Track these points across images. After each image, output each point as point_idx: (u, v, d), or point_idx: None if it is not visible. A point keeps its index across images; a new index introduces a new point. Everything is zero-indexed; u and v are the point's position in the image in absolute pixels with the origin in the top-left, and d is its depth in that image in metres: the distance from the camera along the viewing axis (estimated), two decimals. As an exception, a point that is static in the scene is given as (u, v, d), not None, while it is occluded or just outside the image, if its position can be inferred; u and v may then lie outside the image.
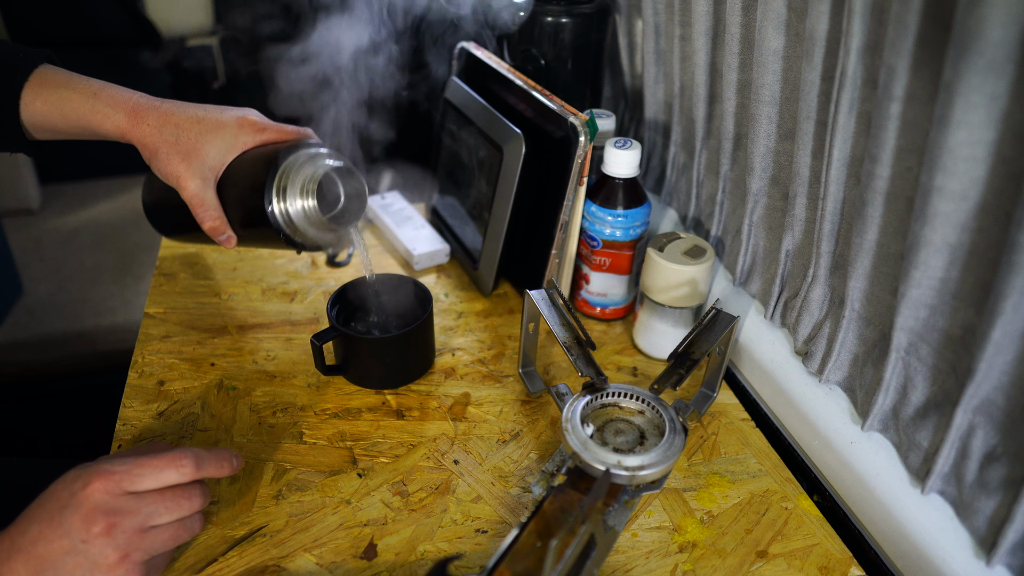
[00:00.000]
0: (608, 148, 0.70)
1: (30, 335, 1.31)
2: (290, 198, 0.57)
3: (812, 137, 0.57)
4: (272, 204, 0.57)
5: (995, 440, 0.46)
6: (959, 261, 0.45)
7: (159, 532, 0.46)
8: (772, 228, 0.67)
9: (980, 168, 0.41)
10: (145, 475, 0.46)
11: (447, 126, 0.85)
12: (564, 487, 0.50)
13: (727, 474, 0.60)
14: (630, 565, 0.53)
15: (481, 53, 0.83)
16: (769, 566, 0.53)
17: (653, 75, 0.82)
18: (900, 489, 0.52)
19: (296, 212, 0.58)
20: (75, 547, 0.43)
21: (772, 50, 0.59)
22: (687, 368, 0.56)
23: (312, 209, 0.58)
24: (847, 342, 0.58)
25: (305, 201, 0.57)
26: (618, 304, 0.77)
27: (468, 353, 0.72)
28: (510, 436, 0.63)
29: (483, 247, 0.78)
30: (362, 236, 0.63)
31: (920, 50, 0.43)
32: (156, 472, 0.46)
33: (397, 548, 0.53)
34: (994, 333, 0.42)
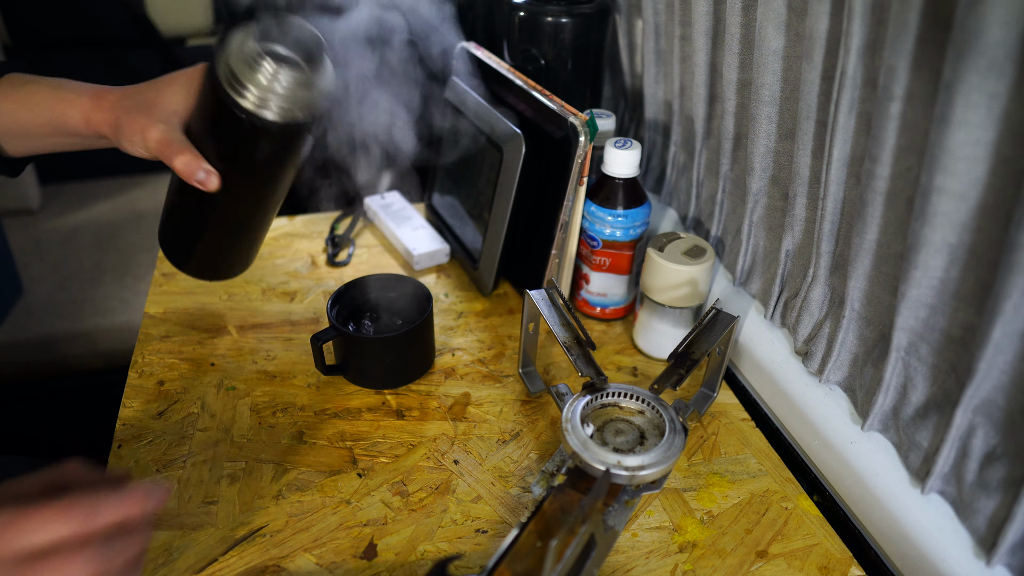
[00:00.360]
0: (608, 148, 0.70)
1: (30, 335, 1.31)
2: (243, 73, 0.50)
3: (812, 137, 0.57)
4: (227, 87, 0.50)
5: (995, 440, 0.46)
6: (959, 261, 0.45)
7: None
8: (772, 228, 0.67)
9: (980, 168, 0.41)
10: (30, 530, 0.37)
11: (447, 126, 0.85)
12: (564, 487, 0.50)
13: (727, 474, 0.60)
14: (630, 565, 0.53)
15: (481, 53, 0.83)
16: (769, 566, 0.53)
17: (653, 75, 0.82)
18: (900, 489, 0.52)
19: (254, 80, 0.50)
20: None
21: (772, 50, 0.59)
22: (687, 368, 0.56)
23: (267, 67, 0.50)
24: (847, 342, 0.58)
25: (258, 66, 0.50)
26: (618, 304, 0.77)
27: (468, 353, 0.72)
28: (510, 436, 0.63)
29: (483, 247, 0.78)
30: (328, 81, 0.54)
31: (920, 50, 0.43)
32: (41, 526, 0.37)
33: (397, 548, 0.53)
34: (994, 333, 0.42)
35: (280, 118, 0.52)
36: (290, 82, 0.51)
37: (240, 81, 0.50)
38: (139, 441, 0.61)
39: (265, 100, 0.51)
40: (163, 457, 0.59)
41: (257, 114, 0.51)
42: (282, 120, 0.52)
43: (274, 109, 0.51)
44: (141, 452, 0.60)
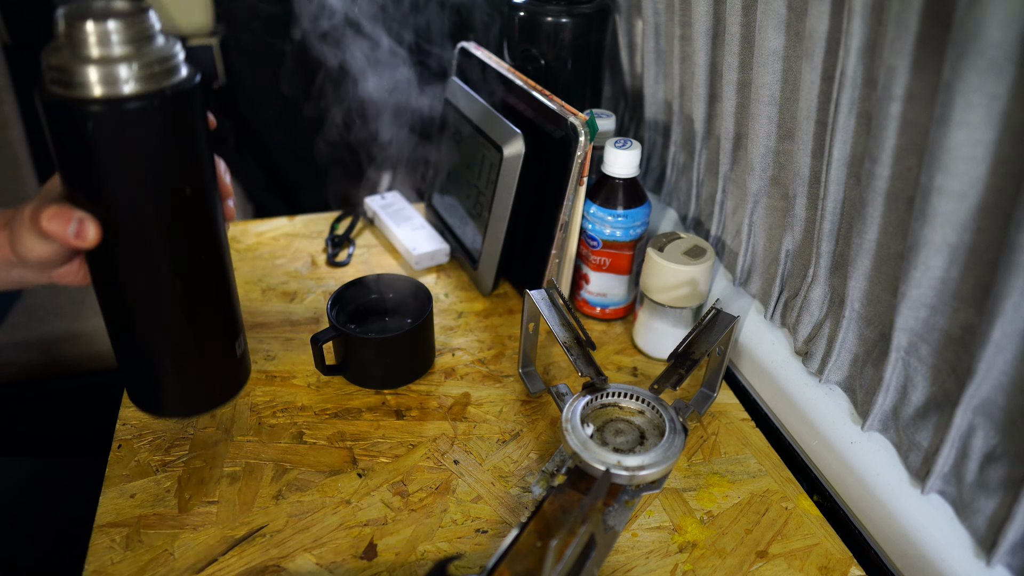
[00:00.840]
0: (608, 148, 0.70)
1: (30, 335, 1.31)
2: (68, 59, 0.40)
3: (812, 137, 0.57)
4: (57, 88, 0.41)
5: (995, 440, 0.46)
6: (959, 261, 0.45)
7: None
8: (772, 228, 0.67)
9: (980, 168, 0.41)
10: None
11: (447, 126, 0.85)
12: (564, 487, 0.50)
13: (727, 474, 0.60)
14: (630, 565, 0.53)
15: (481, 53, 0.83)
16: (769, 566, 0.53)
17: (653, 75, 0.82)
18: (900, 489, 0.52)
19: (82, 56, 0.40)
20: None
21: (772, 50, 0.59)
22: (687, 368, 0.56)
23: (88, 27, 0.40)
24: (847, 342, 0.58)
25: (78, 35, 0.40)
26: (618, 304, 0.77)
27: (468, 353, 0.72)
28: (510, 436, 0.63)
29: (483, 247, 0.78)
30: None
31: (920, 50, 0.43)
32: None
33: (397, 548, 0.53)
34: (994, 333, 0.42)
35: (141, 86, 0.41)
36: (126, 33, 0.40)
37: (67, 69, 0.40)
38: (139, 441, 0.61)
39: (111, 73, 0.40)
40: (163, 457, 0.59)
41: (113, 96, 0.40)
42: (145, 88, 0.41)
43: (127, 77, 0.40)
44: (141, 452, 0.60)
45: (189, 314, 0.48)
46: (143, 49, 0.41)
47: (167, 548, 0.52)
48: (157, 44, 0.42)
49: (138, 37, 0.41)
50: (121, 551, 0.52)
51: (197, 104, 0.44)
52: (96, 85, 0.40)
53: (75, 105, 0.40)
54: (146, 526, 0.54)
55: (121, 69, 0.40)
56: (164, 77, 0.42)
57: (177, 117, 0.43)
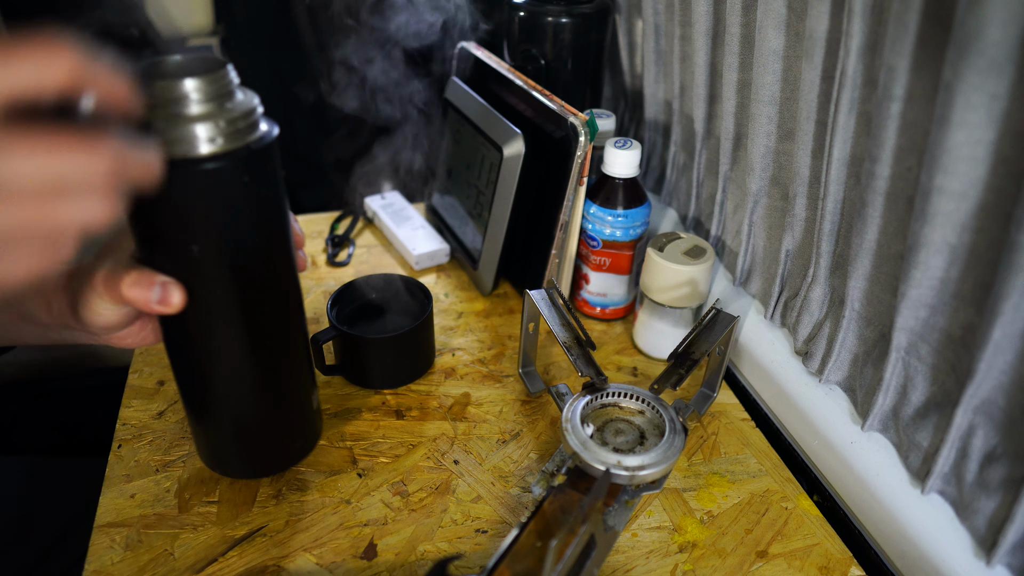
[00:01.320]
0: (608, 148, 0.70)
1: (30, 335, 1.31)
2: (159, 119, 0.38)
3: (812, 137, 0.57)
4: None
5: (995, 440, 0.46)
6: (959, 261, 0.45)
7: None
8: (772, 228, 0.67)
9: (980, 168, 0.41)
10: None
11: (447, 126, 0.85)
12: (564, 487, 0.50)
13: (727, 474, 0.60)
14: (630, 565, 0.53)
15: (481, 53, 0.83)
16: (769, 566, 0.53)
17: (653, 75, 0.82)
18: (900, 489, 0.52)
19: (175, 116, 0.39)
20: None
21: (772, 50, 0.59)
22: (687, 368, 0.56)
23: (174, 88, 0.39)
24: (847, 342, 0.58)
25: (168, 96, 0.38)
26: (618, 304, 0.77)
27: (468, 353, 0.72)
28: (510, 436, 0.63)
29: (483, 247, 0.78)
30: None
31: (920, 50, 0.43)
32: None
33: (397, 548, 0.53)
34: (994, 333, 0.42)
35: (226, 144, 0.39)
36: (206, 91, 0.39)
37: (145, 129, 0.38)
38: (139, 441, 0.61)
39: (191, 133, 0.39)
40: (163, 457, 0.59)
41: (193, 156, 0.39)
42: (227, 147, 0.39)
43: (209, 137, 0.39)
44: (141, 452, 0.60)
45: (267, 374, 0.47)
46: (224, 106, 0.40)
47: (167, 548, 0.52)
48: (237, 99, 0.41)
49: (218, 94, 0.39)
50: (121, 551, 0.52)
51: (277, 156, 0.43)
52: (176, 145, 0.39)
53: (174, 164, 0.38)
54: (146, 526, 0.54)
55: (202, 129, 0.39)
56: (246, 133, 0.40)
57: (259, 173, 0.41)
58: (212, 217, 0.41)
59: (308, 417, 0.52)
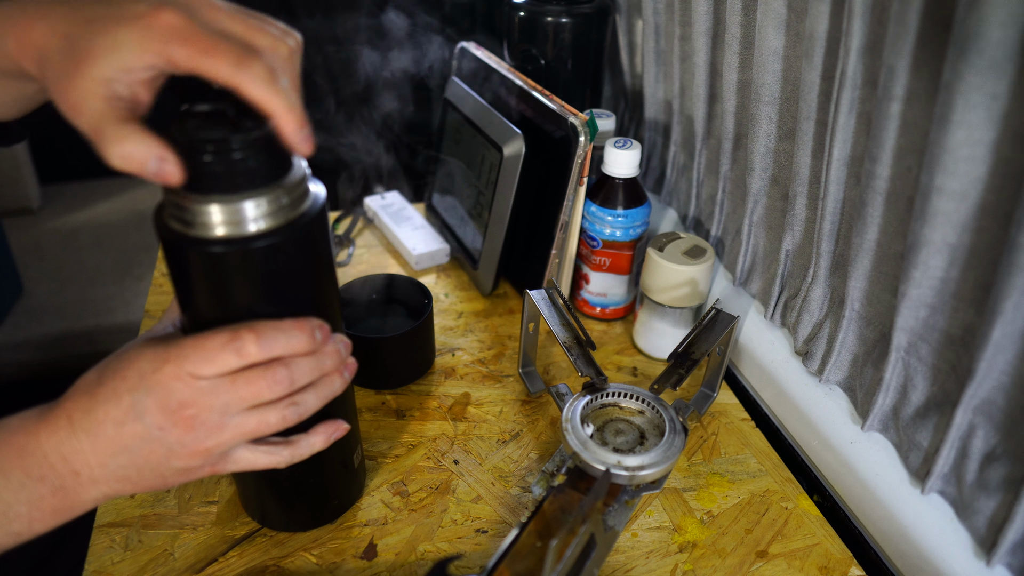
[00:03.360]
0: (608, 148, 0.70)
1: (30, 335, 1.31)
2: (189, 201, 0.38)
3: (812, 137, 0.57)
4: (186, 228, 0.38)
5: (995, 440, 0.46)
6: (959, 261, 0.45)
7: (241, 423, 0.40)
8: (772, 228, 0.67)
9: (980, 168, 0.41)
10: (209, 358, 0.39)
11: (447, 126, 0.86)
12: (564, 487, 0.50)
13: (727, 474, 0.60)
14: (630, 565, 0.53)
15: (481, 53, 0.83)
16: (769, 566, 0.53)
17: (653, 75, 0.82)
18: (900, 489, 0.52)
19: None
20: (150, 434, 0.39)
21: (772, 50, 0.59)
22: (687, 368, 0.56)
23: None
24: (847, 342, 0.58)
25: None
26: (618, 304, 0.77)
27: (468, 353, 0.72)
28: (510, 436, 0.63)
29: (483, 247, 0.78)
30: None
31: (920, 50, 0.43)
32: (215, 355, 0.39)
33: (397, 548, 0.53)
34: (994, 333, 0.42)
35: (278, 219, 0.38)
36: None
37: (188, 208, 0.37)
38: (139, 441, 0.61)
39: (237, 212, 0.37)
40: (163, 457, 0.59)
41: (239, 236, 0.38)
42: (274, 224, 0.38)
43: (255, 216, 0.38)
44: (141, 452, 0.60)
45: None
46: (281, 183, 0.39)
47: (167, 548, 0.52)
48: (292, 173, 0.40)
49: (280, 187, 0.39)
50: (121, 551, 0.52)
51: (325, 226, 0.42)
52: (221, 226, 0.37)
53: (197, 245, 0.38)
54: (146, 526, 0.54)
55: (248, 207, 0.38)
56: (293, 208, 0.39)
57: (307, 246, 0.41)
58: (253, 293, 0.40)
59: (348, 476, 0.54)
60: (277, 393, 0.41)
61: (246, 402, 0.40)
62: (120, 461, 0.40)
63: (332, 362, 0.43)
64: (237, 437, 0.41)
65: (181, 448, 0.40)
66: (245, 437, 0.41)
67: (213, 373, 0.39)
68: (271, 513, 0.53)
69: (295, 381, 0.41)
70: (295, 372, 0.41)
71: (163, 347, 0.39)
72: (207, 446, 0.40)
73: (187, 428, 0.39)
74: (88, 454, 0.39)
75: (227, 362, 0.39)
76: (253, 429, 0.41)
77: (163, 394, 0.39)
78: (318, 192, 0.42)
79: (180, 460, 0.40)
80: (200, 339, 0.39)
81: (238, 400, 0.40)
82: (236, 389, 0.39)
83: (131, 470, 0.40)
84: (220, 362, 0.39)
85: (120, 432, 0.39)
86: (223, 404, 0.40)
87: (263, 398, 0.40)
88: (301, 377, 0.41)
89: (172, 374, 0.39)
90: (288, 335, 0.40)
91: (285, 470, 0.48)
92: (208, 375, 0.39)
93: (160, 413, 0.39)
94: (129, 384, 0.39)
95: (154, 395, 0.39)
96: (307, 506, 0.53)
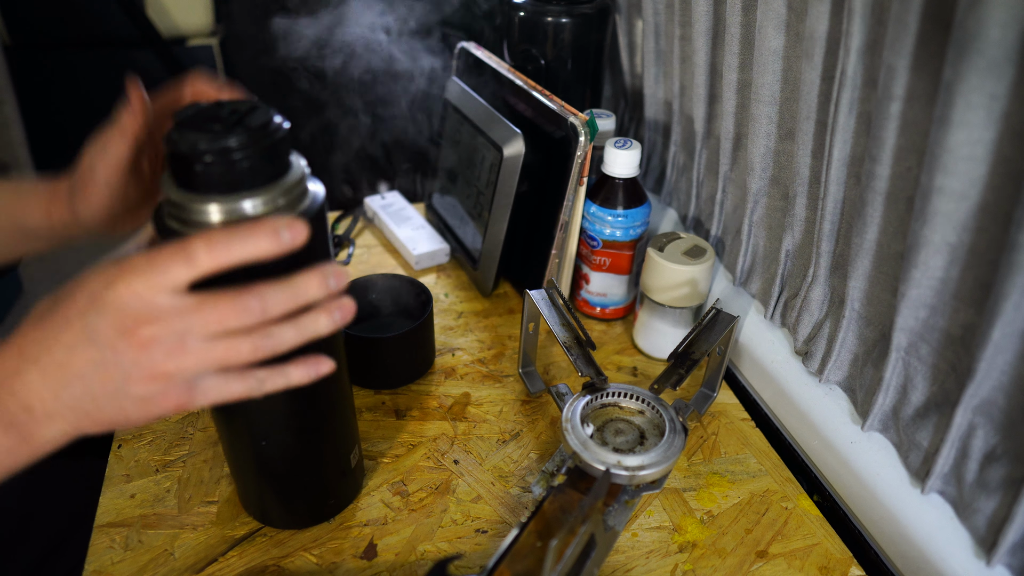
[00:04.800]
0: (608, 148, 0.70)
1: (30, 335, 1.31)
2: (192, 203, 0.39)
3: (812, 137, 0.57)
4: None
5: (995, 440, 0.46)
6: (959, 261, 0.45)
7: (206, 348, 0.37)
8: (772, 228, 0.67)
9: (980, 168, 0.41)
10: (160, 270, 0.36)
11: (447, 126, 0.86)
12: (564, 487, 0.50)
13: (727, 474, 0.60)
14: (630, 565, 0.53)
15: (481, 53, 0.83)
16: (769, 566, 0.53)
17: (653, 75, 0.82)
18: (900, 489, 0.52)
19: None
20: (104, 357, 0.36)
21: (772, 50, 0.59)
22: (687, 368, 0.56)
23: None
24: (847, 342, 0.58)
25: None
26: (618, 304, 0.77)
27: (468, 353, 0.72)
28: (510, 436, 0.63)
29: (483, 247, 0.78)
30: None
31: (920, 50, 0.43)
32: (165, 266, 0.36)
33: (397, 548, 0.53)
34: (994, 333, 0.42)
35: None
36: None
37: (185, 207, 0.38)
38: (139, 441, 0.61)
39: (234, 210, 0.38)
40: (163, 457, 0.59)
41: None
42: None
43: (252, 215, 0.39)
44: (141, 452, 0.60)
45: (307, 435, 0.49)
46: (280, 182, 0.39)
47: (167, 548, 0.52)
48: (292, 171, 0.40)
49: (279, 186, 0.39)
50: (121, 551, 0.52)
51: (324, 225, 0.42)
52: (219, 226, 0.38)
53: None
54: (146, 526, 0.54)
55: (246, 207, 0.38)
56: (291, 208, 0.40)
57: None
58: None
59: (344, 476, 0.54)
60: (245, 321, 0.37)
61: (211, 327, 0.37)
62: (74, 391, 0.37)
63: (314, 290, 0.39)
64: (202, 363, 0.38)
65: (137, 370, 0.37)
66: (213, 365, 0.38)
67: (167, 286, 0.36)
68: (270, 510, 0.53)
69: (266, 311, 0.38)
70: (267, 301, 0.38)
71: (114, 265, 0.37)
72: (166, 369, 0.37)
73: (141, 347, 0.36)
74: (39, 386, 0.37)
75: (178, 273, 0.36)
76: (221, 357, 0.38)
77: (115, 313, 0.36)
78: (317, 192, 0.42)
79: (138, 385, 0.37)
80: (151, 252, 0.37)
81: (202, 324, 0.37)
82: (201, 313, 0.37)
83: (87, 401, 0.37)
84: (172, 274, 0.36)
85: (71, 358, 0.37)
86: (185, 326, 0.37)
87: (229, 325, 0.37)
88: (274, 306, 0.38)
89: (125, 291, 0.36)
90: (245, 238, 0.36)
91: (283, 467, 0.48)
92: (163, 288, 0.36)
93: (113, 332, 0.36)
94: (79, 307, 0.37)
95: (106, 315, 0.36)
96: (305, 504, 0.53)
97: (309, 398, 0.47)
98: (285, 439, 0.48)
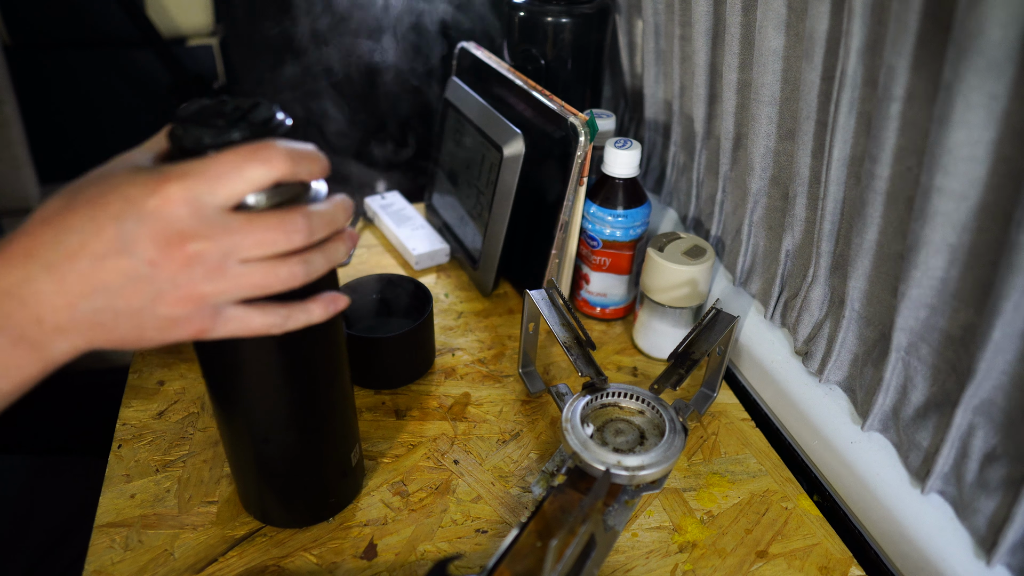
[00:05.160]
0: (608, 148, 0.70)
1: (30, 335, 1.30)
2: None
3: (812, 137, 0.57)
4: None
5: (995, 440, 0.46)
6: (959, 261, 0.45)
7: (245, 273, 0.35)
8: (772, 228, 0.67)
9: (980, 168, 0.41)
10: (226, 176, 0.33)
11: (447, 126, 0.85)
12: (564, 487, 0.50)
13: (727, 474, 0.60)
14: (630, 565, 0.53)
15: (481, 53, 0.83)
16: (769, 566, 0.53)
17: (653, 75, 0.82)
18: (900, 489, 0.52)
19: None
20: (137, 271, 0.33)
21: (772, 50, 0.59)
22: (687, 368, 0.56)
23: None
24: (847, 342, 0.58)
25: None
26: (618, 304, 0.77)
27: (468, 353, 0.72)
28: (510, 436, 0.63)
29: (483, 247, 0.78)
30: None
31: (920, 50, 0.43)
32: (239, 171, 0.34)
33: (397, 548, 0.53)
34: (994, 333, 0.42)
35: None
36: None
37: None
38: (139, 441, 0.61)
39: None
40: (163, 457, 0.59)
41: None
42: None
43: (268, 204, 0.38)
44: (141, 452, 0.60)
45: (308, 434, 0.49)
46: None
47: (167, 548, 0.52)
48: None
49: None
50: (121, 551, 0.52)
51: None
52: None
53: None
54: (146, 526, 0.54)
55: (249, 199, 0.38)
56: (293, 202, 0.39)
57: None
58: None
59: (345, 474, 0.54)
60: (295, 243, 0.36)
61: (257, 249, 0.35)
62: (95, 303, 0.34)
63: (342, 218, 0.39)
64: (238, 289, 0.35)
65: (173, 290, 0.34)
66: (246, 292, 0.36)
67: (222, 201, 0.34)
68: (271, 510, 0.53)
69: (313, 233, 0.36)
70: (313, 222, 0.36)
71: (157, 170, 0.34)
72: (203, 291, 0.34)
73: (184, 264, 0.33)
74: (52, 296, 0.33)
75: (253, 177, 0.34)
76: (259, 282, 0.36)
77: (160, 223, 0.33)
78: (319, 188, 0.42)
79: (167, 306, 0.34)
80: (207, 160, 0.34)
81: (250, 245, 0.35)
82: (252, 231, 0.34)
83: (107, 315, 0.34)
84: (238, 182, 0.34)
85: (99, 267, 0.33)
86: (231, 245, 0.34)
87: (278, 248, 0.35)
88: (319, 229, 0.37)
89: (175, 198, 0.33)
90: (310, 157, 0.37)
91: (283, 466, 0.49)
92: (217, 203, 0.34)
93: (153, 245, 0.33)
94: (113, 211, 0.33)
95: (148, 223, 0.33)
96: (305, 504, 0.53)
97: (310, 398, 0.47)
98: (286, 439, 0.48)
